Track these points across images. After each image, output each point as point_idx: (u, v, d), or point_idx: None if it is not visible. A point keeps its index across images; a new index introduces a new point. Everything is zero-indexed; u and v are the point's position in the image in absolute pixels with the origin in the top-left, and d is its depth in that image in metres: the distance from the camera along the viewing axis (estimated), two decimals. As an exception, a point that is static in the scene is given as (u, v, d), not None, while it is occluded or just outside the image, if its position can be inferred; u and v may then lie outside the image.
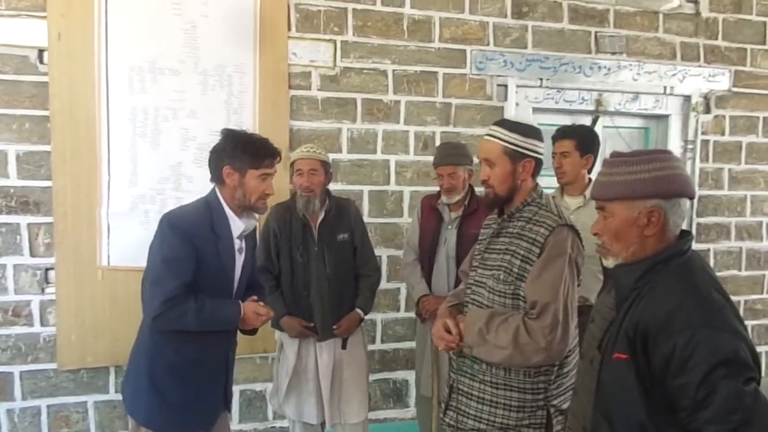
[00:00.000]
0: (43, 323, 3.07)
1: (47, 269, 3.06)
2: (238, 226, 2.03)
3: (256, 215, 2.11)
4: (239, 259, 2.07)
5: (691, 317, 1.20)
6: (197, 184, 3.01)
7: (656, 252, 1.34)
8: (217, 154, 2.01)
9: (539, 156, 1.81)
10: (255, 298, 2.11)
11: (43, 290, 3.07)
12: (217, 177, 2.01)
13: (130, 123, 3.08)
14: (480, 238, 1.96)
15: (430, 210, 2.85)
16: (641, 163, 1.33)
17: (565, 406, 1.75)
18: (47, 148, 3.00)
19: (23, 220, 3.02)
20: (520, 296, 1.74)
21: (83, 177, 3.02)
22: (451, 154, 2.75)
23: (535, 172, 1.81)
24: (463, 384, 1.85)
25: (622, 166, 1.35)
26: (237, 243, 2.04)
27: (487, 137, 1.83)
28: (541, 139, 1.82)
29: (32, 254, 3.04)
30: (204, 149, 2.42)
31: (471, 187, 2.81)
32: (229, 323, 2.03)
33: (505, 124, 1.82)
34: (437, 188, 2.89)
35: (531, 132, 1.79)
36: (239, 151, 1.97)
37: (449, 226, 2.79)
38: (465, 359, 1.84)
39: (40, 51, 2.97)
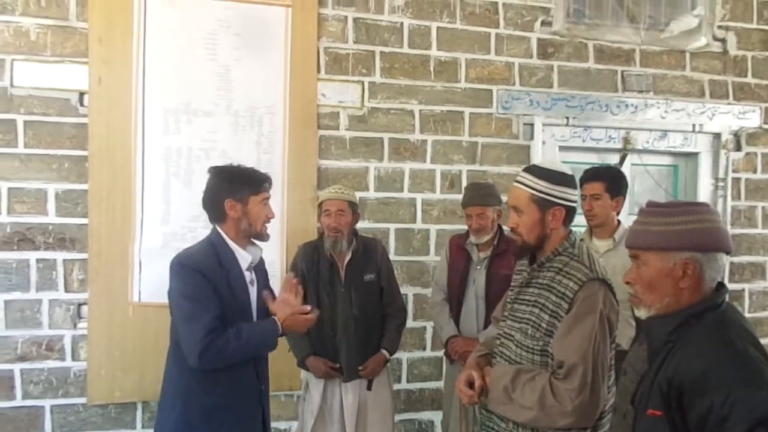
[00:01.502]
0: (74, 358, 3.12)
1: (80, 304, 3.13)
2: (245, 258, 2.07)
3: (260, 245, 2.14)
4: (252, 291, 2.10)
5: (728, 374, 1.17)
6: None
7: (690, 304, 1.32)
8: (213, 192, 2.06)
9: (570, 204, 1.75)
10: (268, 294, 2.10)
11: (75, 325, 3.12)
12: (217, 215, 2.06)
13: (164, 163, 3.17)
14: (512, 284, 1.91)
15: (458, 250, 2.86)
16: (679, 215, 1.31)
17: None
18: (84, 186, 3.09)
19: (59, 256, 3.10)
20: (549, 353, 1.67)
21: (118, 215, 3.11)
22: (480, 195, 2.76)
23: (567, 221, 1.75)
24: None
25: (658, 217, 1.34)
26: (247, 275, 2.08)
27: (515, 184, 1.79)
28: (573, 186, 1.77)
29: (66, 290, 3.11)
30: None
31: (500, 228, 2.81)
32: (269, 341, 2.02)
33: (533, 170, 1.77)
34: (463, 227, 2.89)
35: (561, 179, 1.73)
36: (236, 183, 2.03)
37: (478, 267, 2.78)
38: (492, 415, 1.77)
39: (81, 94, 3.09)
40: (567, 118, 3.75)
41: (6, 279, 3.03)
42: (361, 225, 3.10)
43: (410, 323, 3.40)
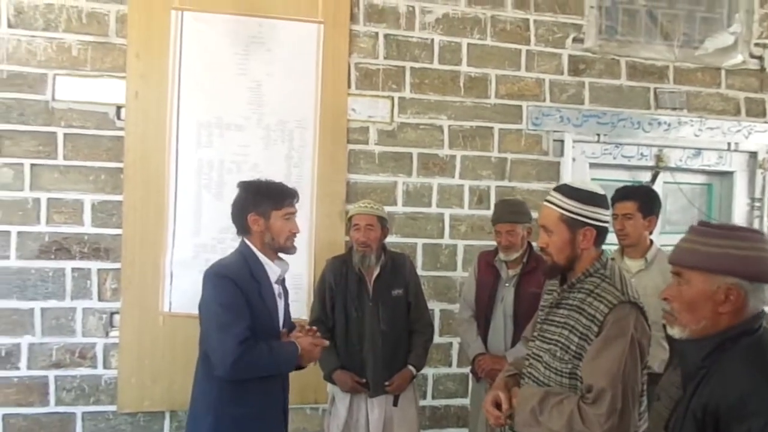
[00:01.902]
0: (105, 366, 3.18)
1: (112, 313, 3.19)
2: (274, 270, 2.11)
3: (287, 259, 2.17)
4: (280, 304, 2.14)
5: (766, 401, 1.14)
6: (257, 235, 3.11)
7: (726, 329, 1.28)
8: (239, 206, 2.11)
9: (602, 224, 1.71)
10: (285, 331, 2.15)
11: (107, 333, 3.18)
12: (243, 227, 2.11)
13: (196, 175, 3.23)
14: (541, 304, 1.88)
15: (486, 266, 2.83)
16: (730, 239, 1.28)
17: None
18: (119, 198, 3.17)
19: (94, 265, 3.17)
20: (578, 376, 1.63)
21: (151, 226, 3.17)
22: (511, 212, 2.74)
23: (598, 241, 1.71)
24: None
25: (708, 237, 1.30)
26: (276, 288, 2.12)
27: (545, 203, 1.77)
28: (604, 206, 1.73)
29: (100, 299, 3.18)
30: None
31: (530, 245, 2.78)
32: (291, 363, 2.07)
33: (563, 189, 1.74)
34: (491, 242, 2.87)
35: (592, 199, 1.70)
36: (260, 197, 2.07)
37: (507, 284, 2.76)
38: None
39: (118, 108, 3.18)
40: (598, 135, 3.71)
41: (43, 287, 3.12)
42: (388, 239, 3.11)
43: (436, 339, 3.38)
